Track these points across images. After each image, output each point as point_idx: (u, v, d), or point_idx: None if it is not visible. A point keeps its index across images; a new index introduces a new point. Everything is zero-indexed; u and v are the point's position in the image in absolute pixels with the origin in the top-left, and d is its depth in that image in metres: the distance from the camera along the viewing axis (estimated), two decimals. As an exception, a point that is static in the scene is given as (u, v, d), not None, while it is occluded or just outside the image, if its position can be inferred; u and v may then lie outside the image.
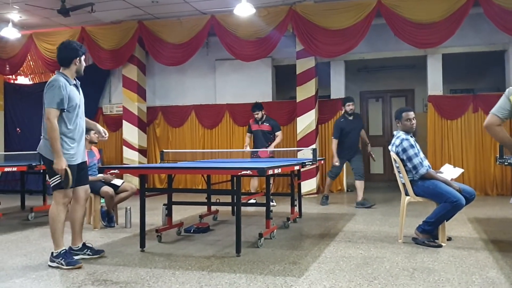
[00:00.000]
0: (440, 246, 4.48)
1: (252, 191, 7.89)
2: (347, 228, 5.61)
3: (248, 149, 8.09)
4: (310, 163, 5.79)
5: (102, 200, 5.98)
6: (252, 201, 6.85)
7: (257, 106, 8.07)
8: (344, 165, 9.81)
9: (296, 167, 5.53)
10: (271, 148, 7.91)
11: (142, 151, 10.43)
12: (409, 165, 4.64)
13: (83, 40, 10.01)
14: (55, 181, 3.91)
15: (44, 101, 3.88)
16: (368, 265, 3.88)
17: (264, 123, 8.04)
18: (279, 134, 8.05)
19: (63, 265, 3.85)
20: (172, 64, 9.78)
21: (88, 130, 6.17)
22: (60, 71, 4.09)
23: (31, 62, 11.38)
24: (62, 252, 3.91)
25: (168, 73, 10.72)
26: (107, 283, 3.48)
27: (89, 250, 4.21)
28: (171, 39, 9.50)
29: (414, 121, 4.86)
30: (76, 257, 4.02)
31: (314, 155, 5.93)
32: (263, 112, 8.07)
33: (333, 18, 8.47)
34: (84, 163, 4.16)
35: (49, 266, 3.92)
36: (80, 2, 8.46)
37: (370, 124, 11.65)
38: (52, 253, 3.95)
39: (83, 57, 4.20)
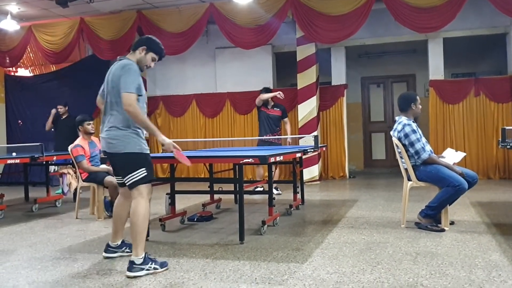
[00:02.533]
0: (443, 230, 4.49)
1: (258, 179, 7.82)
2: (349, 214, 5.63)
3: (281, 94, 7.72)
4: (312, 150, 5.79)
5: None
6: (259, 188, 6.86)
7: (267, 89, 7.94)
8: (346, 152, 9.85)
9: (298, 155, 5.53)
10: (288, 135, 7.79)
11: (144, 141, 10.42)
12: (411, 150, 4.63)
13: (82, 31, 9.98)
14: (139, 175, 3.45)
15: (119, 85, 3.41)
16: (371, 250, 3.90)
17: (274, 108, 7.84)
18: (287, 121, 7.93)
19: (158, 269, 3.45)
20: (172, 53, 9.71)
21: (82, 122, 6.19)
22: (127, 57, 3.66)
23: (31, 54, 11.34)
24: (147, 256, 3.46)
25: (168, 62, 10.68)
26: (112, 272, 3.50)
27: (127, 248, 3.87)
28: (170, 28, 9.45)
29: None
30: (114, 255, 3.86)
31: (315, 142, 5.92)
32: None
33: (333, 3, 8.40)
34: None
35: (133, 277, 3.35)
36: (78, -8, 8.42)
37: (372, 110, 11.62)
38: (134, 261, 3.39)
39: (151, 53, 3.80)
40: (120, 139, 3.45)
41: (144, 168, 3.47)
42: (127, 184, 3.52)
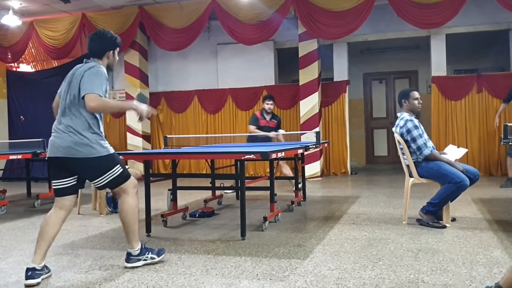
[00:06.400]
0: (444, 227, 4.49)
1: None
2: (351, 211, 5.63)
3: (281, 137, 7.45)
4: (314, 147, 5.78)
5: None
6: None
7: (271, 97, 7.68)
8: (348, 149, 9.84)
9: (300, 151, 5.53)
10: (280, 137, 7.58)
11: (146, 137, 10.45)
12: (413, 146, 4.63)
13: (84, 26, 9.98)
14: (115, 173, 3.37)
15: (80, 86, 3.26)
16: (372, 246, 3.90)
17: (272, 120, 7.68)
18: (281, 131, 7.74)
19: (155, 258, 3.53)
20: (174, 49, 9.74)
21: None
22: (91, 61, 3.49)
23: (32, 50, 11.33)
24: (143, 247, 3.53)
25: (170, 58, 10.69)
26: (114, 267, 3.51)
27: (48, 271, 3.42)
28: (172, 24, 9.45)
29: (420, 101, 4.85)
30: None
31: (317, 138, 5.92)
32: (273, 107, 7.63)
33: (335, -1, 8.39)
34: None
35: (131, 267, 3.44)
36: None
37: (374, 106, 11.61)
38: (131, 253, 3.48)
39: (117, 50, 3.59)
40: (85, 144, 3.28)
41: (117, 165, 3.40)
42: (100, 185, 3.42)
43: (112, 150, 3.43)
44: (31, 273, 3.18)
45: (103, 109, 3.31)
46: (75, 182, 3.45)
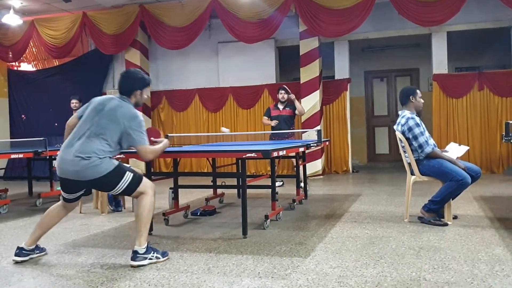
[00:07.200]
0: (446, 224, 4.49)
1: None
2: (352, 209, 5.63)
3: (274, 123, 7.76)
4: (315, 145, 5.78)
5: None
6: (278, 183, 6.83)
7: (283, 87, 7.91)
8: (350, 147, 9.84)
9: (301, 149, 5.53)
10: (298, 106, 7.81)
11: (147, 136, 10.43)
12: (415, 144, 4.62)
13: (84, 25, 9.98)
14: (127, 180, 3.51)
15: (132, 136, 3.51)
16: (374, 244, 3.90)
17: (286, 108, 7.84)
18: (297, 106, 7.86)
19: (160, 258, 3.57)
20: (175, 47, 9.75)
21: None
22: (123, 98, 3.67)
23: (33, 49, 11.35)
24: (149, 246, 3.58)
25: (171, 57, 10.68)
26: (116, 266, 3.52)
27: (39, 251, 3.83)
28: (173, 22, 9.45)
29: (422, 100, 4.86)
30: (25, 258, 3.70)
31: (319, 136, 5.92)
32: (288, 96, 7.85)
33: (336, -3, 8.39)
34: None
35: (137, 266, 3.45)
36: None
37: (375, 104, 11.60)
38: (137, 251, 3.49)
39: (145, 89, 3.76)
40: (94, 165, 3.43)
41: (126, 172, 3.55)
42: (118, 193, 3.62)
43: (116, 162, 3.58)
44: (18, 251, 3.68)
45: (155, 157, 3.80)
46: (83, 192, 3.73)
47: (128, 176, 3.53)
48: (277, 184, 7.31)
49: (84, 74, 10.59)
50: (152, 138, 3.93)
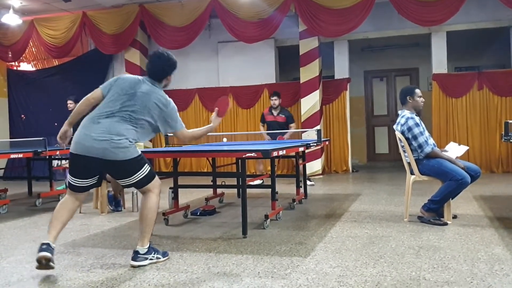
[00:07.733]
0: (445, 224, 4.50)
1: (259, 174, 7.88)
2: (352, 208, 5.63)
3: (266, 136, 7.95)
4: (315, 144, 5.78)
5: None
6: (258, 181, 6.90)
7: (276, 93, 8.11)
8: (350, 146, 9.84)
9: (301, 149, 5.53)
10: (286, 136, 7.89)
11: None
12: (414, 143, 4.63)
13: (84, 25, 9.98)
14: (144, 172, 3.47)
15: (169, 122, 3.57)
16: (374, 244, 3.90)
17: (280, 114, 8.02)
18: (293, 126, 8.09)
19: (160, 258, 3.55)
20: (175, 47, 9.72)
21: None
22: (154, 83, 3.63)
23: (33, 49, 11.35)
24: (151, 247, 3.54)
25: (171, 56, 10.67)
26: (116, 266, 3.52)
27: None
28: (172, 22, 9.45)
29: (423, 99, 4.86)
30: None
31: (318, 136, 5.92)
32: (280, 102, 8.11)
33: (336, -4, 8.39)
34: None
35: (138, 266, 3.43)
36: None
37: (375, 104, 11.60)
38: (138, 251, 3.46)
39: (174, 72, 3.73)
40: (123, 147, 3.35)
41: (146, 164, 3.51)
42: (128, 184, 3.50)
43: (140, 151, 3.55)
44: (46, 246, 3.27)
45: (194, 140, 4.00)
46: (95, 182, 3.57)
47: (146, 168, 3.49)
48: (309, 183, 7.36)
49: (84, 74, 10.59)
50: (216, 108, 4.04)
